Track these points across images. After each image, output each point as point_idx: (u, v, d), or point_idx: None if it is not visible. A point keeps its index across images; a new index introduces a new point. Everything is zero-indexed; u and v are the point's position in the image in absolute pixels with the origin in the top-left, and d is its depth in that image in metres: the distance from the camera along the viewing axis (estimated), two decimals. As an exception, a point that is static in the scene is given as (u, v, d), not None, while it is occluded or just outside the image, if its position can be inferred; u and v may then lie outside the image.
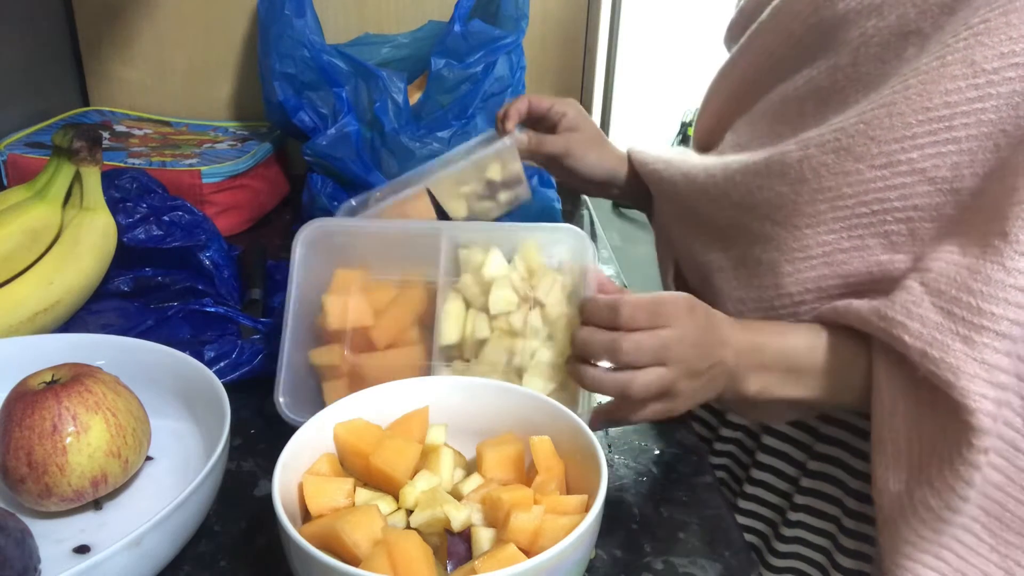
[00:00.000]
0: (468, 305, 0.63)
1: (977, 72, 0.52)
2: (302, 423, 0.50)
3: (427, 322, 0.63)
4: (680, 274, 0.79)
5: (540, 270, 0.62)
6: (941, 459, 0.51)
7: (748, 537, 0.76)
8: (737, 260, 0.66)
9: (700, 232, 0.72)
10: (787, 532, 0.72)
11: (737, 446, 0.78)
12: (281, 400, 0.60)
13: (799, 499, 0.71)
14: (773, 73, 0.68)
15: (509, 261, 0.64)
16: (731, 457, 0.78)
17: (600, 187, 0.83)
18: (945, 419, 0.51)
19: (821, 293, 0.60)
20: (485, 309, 0.62)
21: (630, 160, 0.83)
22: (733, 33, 0.76)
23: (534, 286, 0.61)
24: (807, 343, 0.59)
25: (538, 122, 0.81)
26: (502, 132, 0.79)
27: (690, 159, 0.75)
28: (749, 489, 0.75)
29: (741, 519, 0.76)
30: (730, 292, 0.67)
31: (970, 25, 0.53)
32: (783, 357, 0.59)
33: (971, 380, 0.49)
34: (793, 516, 0.71)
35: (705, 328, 0.57)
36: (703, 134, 0.80)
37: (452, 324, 0.62)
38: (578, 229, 0.64)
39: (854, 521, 0.67)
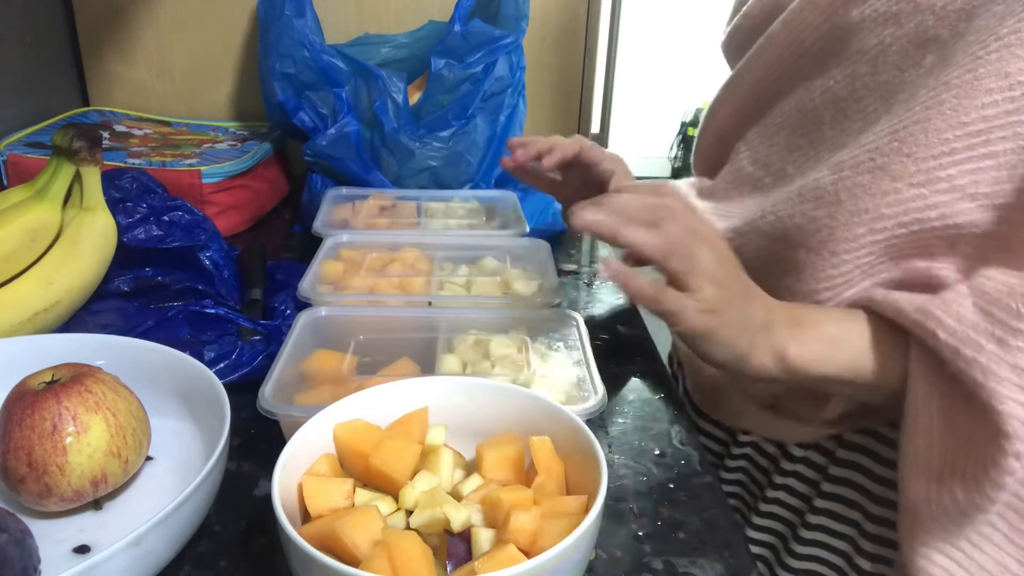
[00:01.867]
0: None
1: (1012, 84, 0.51)
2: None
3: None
4: None
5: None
6: (972, 460, 0.50)
7: (766, 538, 0.76)
8: (770, 293, 0.65)
9: None
10: (807, 535, 0.71)
11: (756, 450, 0.77)
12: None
13: (819, 503, 0.70)
14: (783, 83, 0.68)
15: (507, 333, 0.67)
16: (750, 460, 0.78)
17: None
18: (978, 421, 0.50)
19: (859, 303, 0.60)
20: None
21: None
22: (736, 38, 0.75)
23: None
24: (843, 313, 0.58)
25: (580, 169, 0.82)
26: (547, 165, 0.79)
27: (704, 204, 0.75)
28: (770, 493, 0.74)
29: (759, 520, 0.76)
30: None
31: (999, 36, 0.52)
32: (821, 320, 0.58)
33: (1000, 383, 0.48)
34: (813, 519, 0.70)
35: (734, 264, 0.57)
36: (707, 150, 0.80)
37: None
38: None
39: (876, 525, 0.66)
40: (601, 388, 0.59)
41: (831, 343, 0.57)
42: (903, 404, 0.55)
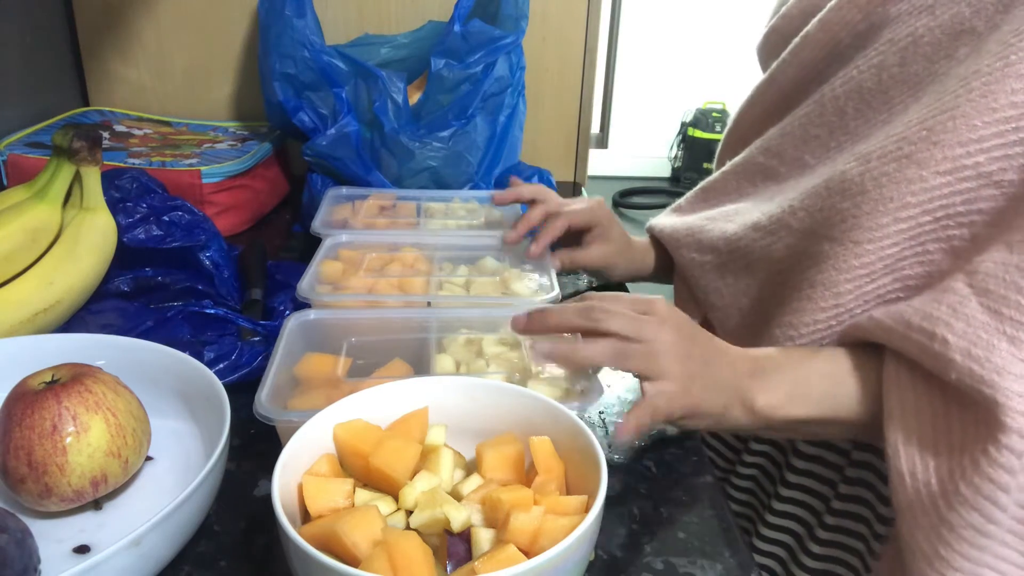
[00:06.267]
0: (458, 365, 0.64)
1: None
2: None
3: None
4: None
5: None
6: (966, 468, 0.49)
7: (782, 537, 0.76)
8: (790, 288, 0.65)
9: (746, 273, 0.71)
10: (824, 535, 0.71)
11: (767, 459, 0.77)
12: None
13: (837, 504, 0.69)
14: (813, 83, 0.67)
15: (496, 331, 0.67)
16: (761, 469, 0.78)
17: (628, 279, 0.90)
18: (968, 426, 0.49)
19: (880, 300, 0.59)
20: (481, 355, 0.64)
21: (654, 240, 0.86)
22: (771, 40, 0.74)
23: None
24: (807, 352, 0.59)
25: (570, 233, 0.83)
26: (535, 252, 0.79)
27: (722, 209, 0.75)
28: (785, 492, 0.74)
29: (775, 519, 0.75)
30: (780, 318, 0.65)
31: None
32: (784, 363, 0.58)
33: (1016, 381, 0.47)
34: (831, 520, 0.70)
35: (691, 329, 0.57)
36: (732, 151, 0.79)
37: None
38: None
39: (885, 526, 0.66)
40: (598, 382, 0.58)
41: (796, 384, 0.57)
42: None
